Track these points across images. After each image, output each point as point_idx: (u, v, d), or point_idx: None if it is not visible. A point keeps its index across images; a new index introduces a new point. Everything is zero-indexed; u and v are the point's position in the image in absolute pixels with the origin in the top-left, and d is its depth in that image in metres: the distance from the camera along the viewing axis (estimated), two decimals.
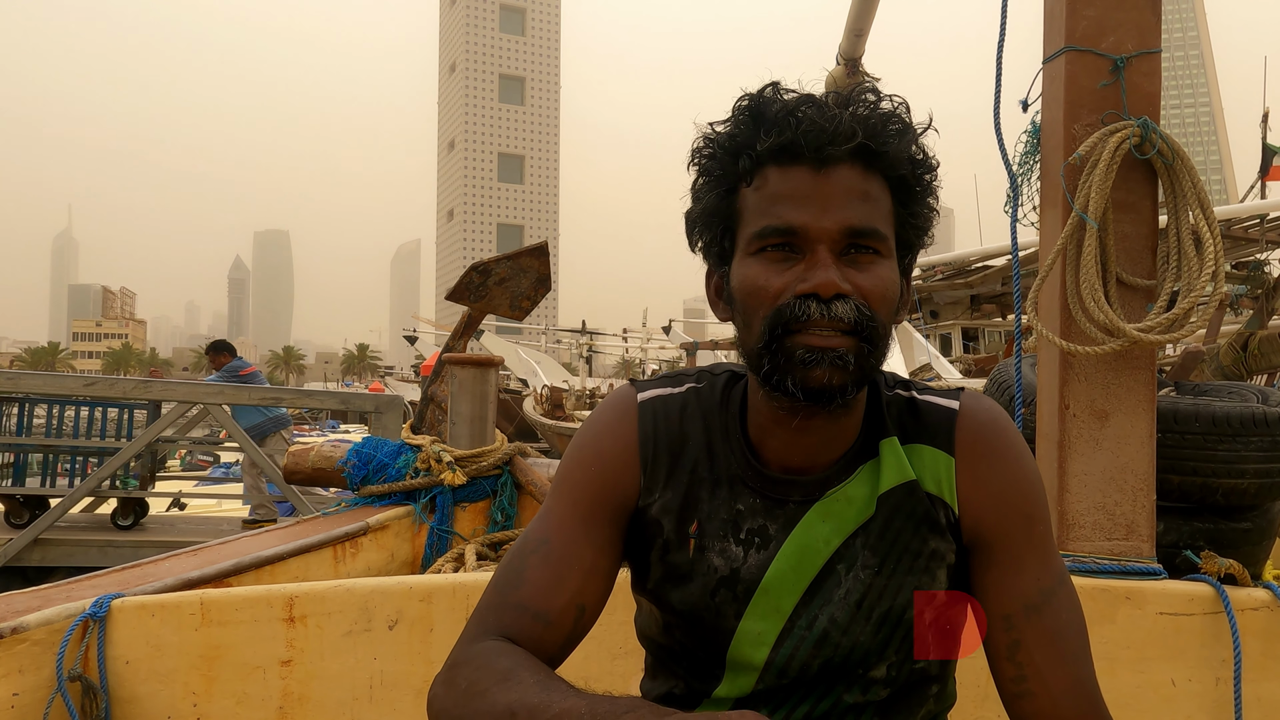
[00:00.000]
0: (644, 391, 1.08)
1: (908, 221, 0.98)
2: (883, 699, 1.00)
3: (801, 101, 0.94)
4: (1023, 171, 2.22)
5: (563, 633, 0.99)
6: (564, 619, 0.99)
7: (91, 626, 1.70)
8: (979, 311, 16.08)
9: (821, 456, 1.01)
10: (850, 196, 0.92)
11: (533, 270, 3.29)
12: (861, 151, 0.93)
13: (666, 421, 1.05)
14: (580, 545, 1.01)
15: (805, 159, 0.92)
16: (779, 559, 0.99)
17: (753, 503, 1.01)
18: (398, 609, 1.82)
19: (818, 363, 0.90)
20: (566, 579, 1.00)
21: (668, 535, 1.03)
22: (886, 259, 0.95)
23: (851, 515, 1.00)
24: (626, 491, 1.04)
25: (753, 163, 0.95)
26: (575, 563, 1.01)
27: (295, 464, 2.93)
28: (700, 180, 1.00)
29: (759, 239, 0.94)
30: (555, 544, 1.02)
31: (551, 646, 0.98)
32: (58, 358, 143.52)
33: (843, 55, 3.59)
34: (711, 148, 0.98)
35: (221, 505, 9.12)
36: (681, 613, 1.02)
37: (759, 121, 0.94)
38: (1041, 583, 0.99)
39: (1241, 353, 4.88)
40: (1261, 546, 2.12)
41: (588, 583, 1.01)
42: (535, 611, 0.98)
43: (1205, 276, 1.86)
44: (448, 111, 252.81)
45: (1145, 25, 2.01)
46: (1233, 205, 12.68)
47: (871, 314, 0.92)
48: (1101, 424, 1.96)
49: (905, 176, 0.96)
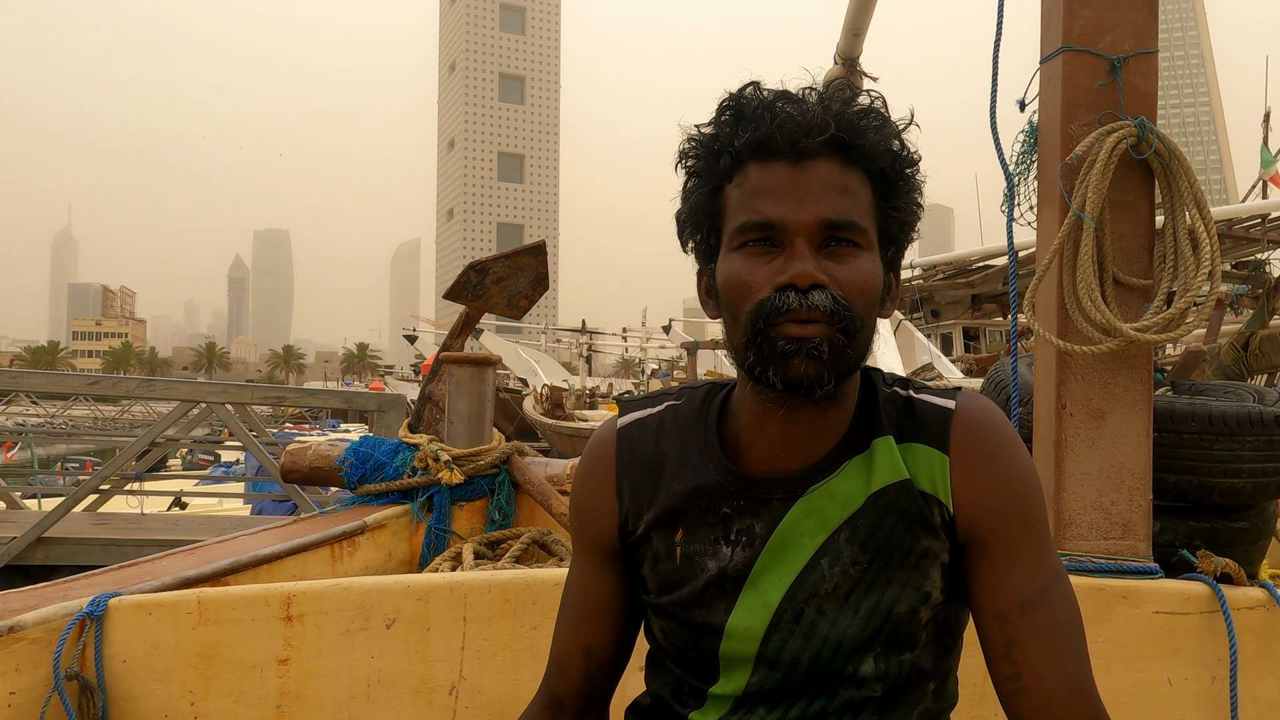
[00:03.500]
0: (624, 417, 1.14)
1: (890, 215, 0.99)
2: (879, 696, 1.00)
3: (778, 98, 0.96)
4: (1020, 171, 2.22)
5: (576, 675, 1.13)
6: (573, 662, 1.13)
7: (89, 625, 1.70)
8: (980, 311, 16.08)
9: (808, 451, 1.02)
10: (827, 190, 0.94)
11: (530, 269, 3.29)
12: (838, 145, 0.95)
13: (643, 444, 1.10)
14: (583, 589, 1.14)
15: (783, 154, 0.95)
16: (764, 554, 1.01)
17: (738, 504, 1.03)
18: (395, 608, 1.82)
19: (795, 353, 0.92)
20: (571, 626, 1.14)
21: (656, 548, 1.07)
22: (867, 252, 0.96)
23: (836, 510, 1.01)
24: (608, 529, 1.12)
25: (733, 160, 0.97)
26: (580, 607, 1.14)
27: (292, 463, 2.93)
28: (688, 181, 1.03)
29: (740, 234, 0.96)
30: (572, 593, 1.16)
31: (570, 689, 1.13)
32: (58, 357, 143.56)
33: (840, 55, 3.59)
34: (695, 148, 1.01)
35: (223, 504, 9.13)
36: (674, 615, 1.05)
37: (738, 119, 0.97)
38: (1037, 580, 0.99)
39: (1242, 352, 4.88)
40: (1257, 546, 2.12)
41: (591, 624, 1.13)
42: (557, 662, 1.15)
43: (1202, 276, 1.87)
44: (447, 110, 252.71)
45: (1142, 25, 2.01)
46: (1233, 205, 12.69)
47: (848, 305, 0.93)
48: (1098, 423, 1.96)
49: (885, 170, 0.97)
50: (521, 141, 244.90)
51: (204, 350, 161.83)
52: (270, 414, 31.05)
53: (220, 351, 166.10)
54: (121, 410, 37.46)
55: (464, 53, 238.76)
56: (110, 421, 34.15)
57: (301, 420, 30.36)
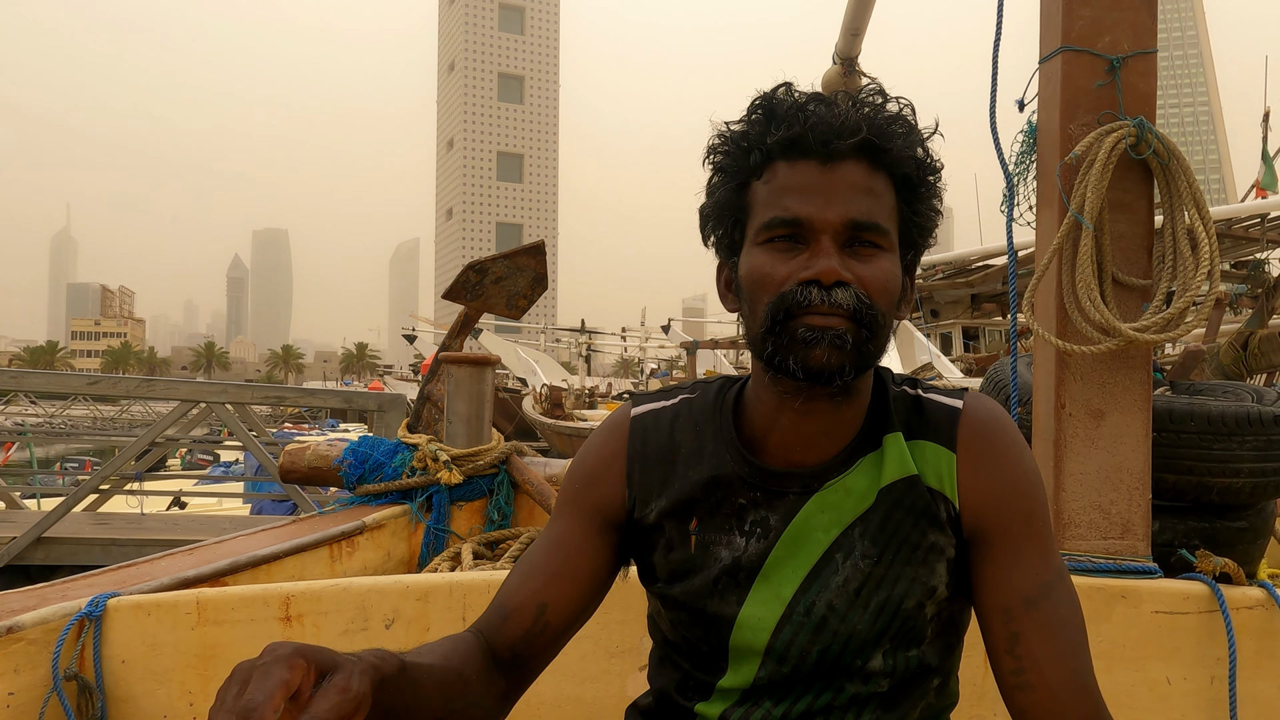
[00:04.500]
0: (638, 406, 1.15)
1: (911, 220, 1.02)
2: (884, 691, 1.01)
3: (811, 99, 0.98)
4: (1019, 171, 2.22)
5: (521, 626, 1.06)
6: (522, 614, 1.07)
7: (87, 626, 1.70)
8: (979, 311, 16.11)
9: (823, 447, 1.04)
10: (854, 191, 0.96)
11: (529, 269, 3.29)
12: (867, 148, 0.97)
13: (656, 434, 1.11)
14: (552, 549, 1.11)
15: (813, 153, 0.97)
16: (778, 547, 1.03)
17: (754, 496, 1.05)
18: (394, 608, 1.82)
19: (817, 341, 0.94)
20: (531, 578, 1.09)
21: (670, 535, 1.07)
22: (888, 253, 0.99)
23: (850, 506, 1.02)
24: (611, 503, 1.11)
25: (763, 157, 0.99)
26: (543, 564, 1.10)
27: (291, 463, 2.93)
28: (714, 176, 1.05)
29: (766, 229, 0.98)
30: (534, 549, 1.12)
31: (510, 637, 1.06)
32: (56, 356, 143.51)
33: (839, 55, 3.59)
34: (725, 143, 1.03)
35: (222, 504, 9.13)
36: (686, 605, 1.06)
37: (770, 118, 0.99)
38: (1040, 577, 1.00)
39: (1241, 352, 4.89)
40: (1256, 545, 2.12)
41: (553, 583, 1.08)
42: (498, 606, 1.08)
43: (1201, 276, 1.87)
44: (446, 110, 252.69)
45: (1141, 25, 2.01)
46: (1233, 205, 12.69)
47: (871, 302, 0.95)
48: (1097, 423, 1.96)
49: (910, 175, 1.00)
50: (520, 141, 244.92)
51: (203, 350, 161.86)
52: (269, 414, 31.05)
53: (219, 351, 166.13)
54: (121, 410, 37.45)
55: (463, 52, 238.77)
56: (109, 421, 34.13)
57: (301, 420, 30.36)
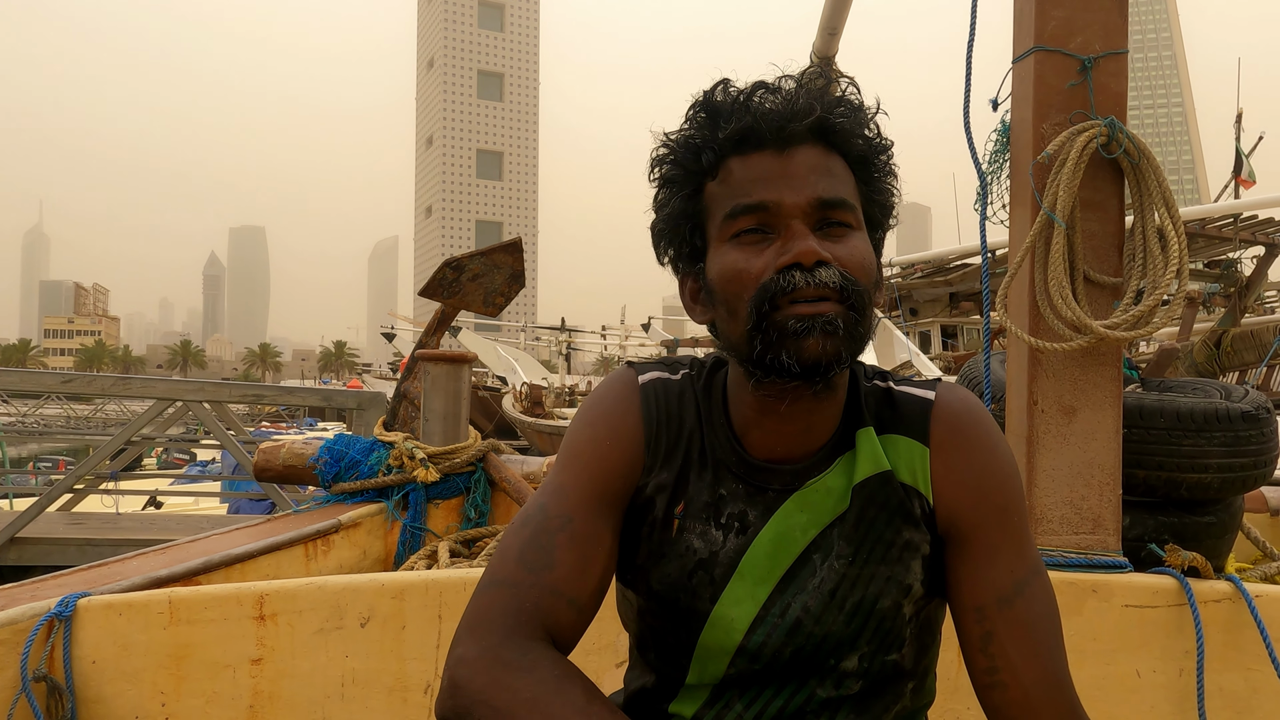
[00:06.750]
0: (644, 374, 1.09)
1: (872, 199, 1.00)
2: (855, 693, 1.00)
3: (755, 88, 0.96)
4: (993, 170, 2.24)
5: (588, 618, 0.98)
6: (592, 604, 0.98)
7: (57, 626, 1.68)
8: (958, 309, 16.20)
9: (803, 445, 1.01)
10: (815, 173, 0.95)
11: (506, 266, 3.28)
12: (820, 130, 0.95)
13: (666, 403, 1.06)
14: (600, 525, 1.00)
15: (768, 143, 0.95)
16: (756, 545, 1.00)
17: (735, 488, 1.02)
18: (370, 606, 1.81)
19: (809, 331, 0.90)
20: (593, 562, 0.98)
21: (657, 513, 1.03)
22: (859, 231, 0.97)
23: (829, 506, 1.00)
24: (634, 471, 1.03)
25: (715, 155, 0.97)
26: (599, 544, 0.99)
27: (266, 461, 2.91)
28: (663, 190, 1.01)
29: (730, 220, 0.95)
30: (579, 523, 0.99)
31: (580, 632, 0.98)
32: (29, 355, 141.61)
33: (816, 54, 3.60)
34: (672, 151, 1.00)
35: (199, 503, 9.04)
36: (658, 594, 1.02)
37: (715, 115, 0.96)
38: (1015, 574, 0.99)
39: (1215, 350, 4.95)
40: (1224, 540, 2.15)
41: (608, 566, 1.00)
42: (570, 598, 0.96)
43: (1170, 274, 1.89)
44: (426, 107, 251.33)
45: (1112, 26, 2.03)
46: (1206, 205, 12.83)
47: (855, 280, 0.93)
48: (1069, 419, 1.98)
49: (864, 154, 0.99)
50: (500, 138, 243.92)
51: (179, 348, 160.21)
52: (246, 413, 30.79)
53: (195, 349, 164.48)
54: (95, 409, 37.01)
55: (442, 49, 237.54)
56: (84, 420, 33.72)
57: (278, 419, 30.12)
